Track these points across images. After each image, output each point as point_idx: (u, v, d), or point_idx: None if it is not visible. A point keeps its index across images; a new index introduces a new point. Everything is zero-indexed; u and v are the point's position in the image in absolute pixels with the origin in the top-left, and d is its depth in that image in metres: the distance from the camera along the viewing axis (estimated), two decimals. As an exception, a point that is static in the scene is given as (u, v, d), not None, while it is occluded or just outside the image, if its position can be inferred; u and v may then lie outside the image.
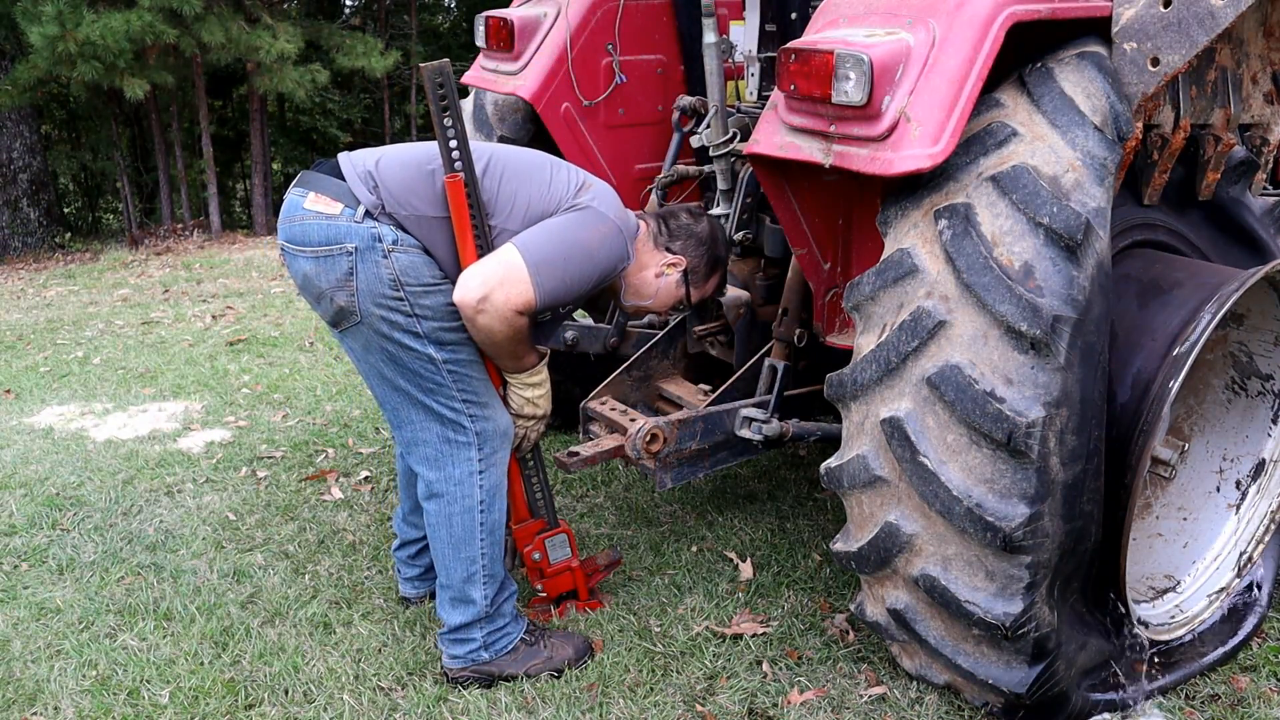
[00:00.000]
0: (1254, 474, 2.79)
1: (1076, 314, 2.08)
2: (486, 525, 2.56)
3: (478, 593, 2.57)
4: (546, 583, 2.89)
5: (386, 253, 2.33)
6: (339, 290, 2.36)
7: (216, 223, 11.55)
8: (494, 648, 2.62)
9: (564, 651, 2.67)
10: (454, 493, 2.53)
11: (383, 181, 2.39)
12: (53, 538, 3.44)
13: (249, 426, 4.48)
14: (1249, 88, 2.61)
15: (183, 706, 2.56)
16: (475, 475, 2.52)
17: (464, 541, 2.55)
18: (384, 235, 2.34)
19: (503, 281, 2.31)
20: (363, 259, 2.33)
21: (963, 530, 2.16)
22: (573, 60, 3.24)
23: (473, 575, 2.57)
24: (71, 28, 9.02)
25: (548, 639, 2.69)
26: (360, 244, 2.33)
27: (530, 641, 2.67)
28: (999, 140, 2.20)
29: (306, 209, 2.38)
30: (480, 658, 2.61)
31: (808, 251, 2.73)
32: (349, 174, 2.40)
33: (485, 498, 2.55)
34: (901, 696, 2.55)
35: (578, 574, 2.90)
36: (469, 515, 2.54)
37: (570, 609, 2.92)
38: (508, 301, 2.31)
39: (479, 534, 2.55)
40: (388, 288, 2.34)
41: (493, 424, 2.53)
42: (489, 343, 2.40)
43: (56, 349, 6.07)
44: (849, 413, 2.36)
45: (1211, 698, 2.55)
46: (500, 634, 2.63)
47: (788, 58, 2.29)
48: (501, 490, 2.60)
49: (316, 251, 2.36)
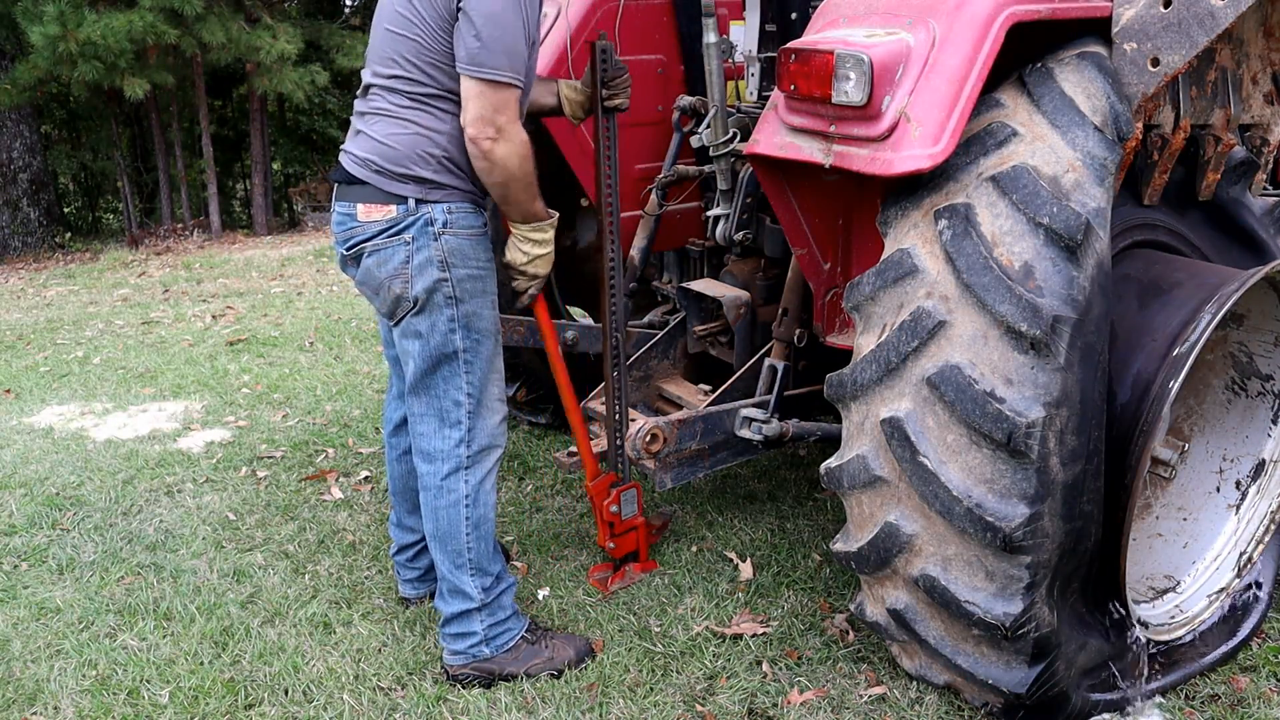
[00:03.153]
0: (1254, 474, 2.79)
1: (1076, 314, 2.08)
2: (472, 520, 2.61)
3: (468, 584, 2.61)
4: (617, 540, 2.93)
5: (437, 235, 2.47)
6: (395, 278, 2.48)
7: (216, 223, 11.55)
8: (495, 643, 2.64)
9: (565, 653, 2.68)
10: (441, 487, 2.59)
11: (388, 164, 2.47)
12: (53, 538, 3.44)
13: (249, 426, 4.48)
14: (1249, 88, 2.61)
15: (183, 706, 2.56)
16: (462, 472, 2.58)
17: (449, 535, 2.61)
18: (435, 218, 2.46)
19: (497, 109, 2.33)
20: (418, 245, 2.47)
21: (963, 530, 2.16)
22: (573, 60, 3.23)
23: (460, 566, 2.62)
24: (72, 28, 9.02)
25: (549, 639, 2.70)
26: (415, 232, 2.46)
27: (531, 640, 2.68)
28: (999, 140, 2.20)
29: (363, 220, 2.49)
30: (481, 653, 2.63)
31: (808, 251, 2.73)
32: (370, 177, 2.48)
33: (470, 493, 2.60)
34: (901, 696, 2.55)
35: (642, 531, 2.94)
36: (454, 510, 2.60)
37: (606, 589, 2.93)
38: (510, 118, 2.34)
39: (464, 528, 2.60)
40: (437, 268, 2.47)
41: (486, 424, 2.60)
42: (506, 177, 2.41)
43: (56, 349, 6.07)
44: (849, 413, 2.36)
45: (1211, 698, 2.55)
46: (501, 628, 2.65)
47: (788, 58, 2.29)
48: (488, 487, 2.64)
49: (376, 245, 2.49)
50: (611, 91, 2.74)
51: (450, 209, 2.48)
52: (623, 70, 2.75)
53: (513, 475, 3.89)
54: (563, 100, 2.81)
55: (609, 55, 2.70)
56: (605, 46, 2.70)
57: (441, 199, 2.47)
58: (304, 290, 7.81)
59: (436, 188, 2.46)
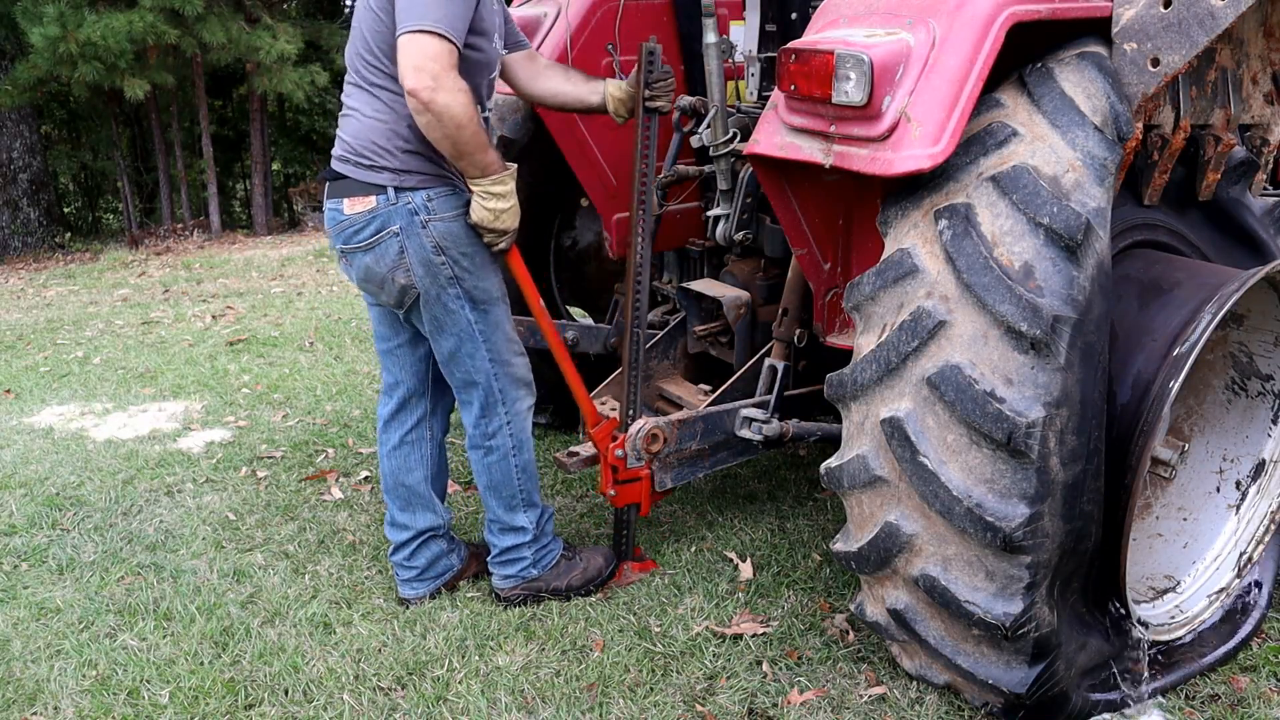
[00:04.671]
0: (1254, 474, 2.79)
1: (1076, 314, 2.08)
2: (519, 464, 2.88)
3: (523, 519, 2.90)
4: (619, 489, 2.94)
5: (425, 224, 2.59)
6: (397, 270, 2.62)
7: (216, 223, 11.56)
8: (541, 563, 2.94)
9: (596, 561, 2.99)
10: (489, 447, 2.85)
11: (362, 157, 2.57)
12: (53, 538, 3.44)
13: (249, 426, 4.48)
14: (1249, 88, 2.61)
15: (183, 706, 2.56)
16: (505, 428, 2.84)
17: (502, 484, 2.88)
18: (418, 206, 2.58)
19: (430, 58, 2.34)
20: (408, 236, 2.59)
21: (963, 530, 2.16)
22: (573, 60, 3.23)
23: (515, 507, 2.90)
24: (72, 28, 9.02)
25: (580, 553, 3.01)
26: (403, 222, 2.58)
27: (569, 556, 2.99)
28: (999, 140, 2.20)
29: (349, 213, 2.61)
30: (529, 574, 2.93)
31: (808, 251, 2.73)
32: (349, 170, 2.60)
33: (515, 444, 2.86)
34: (901, 696, 2.55)
35: (645, 484, 2.94)
36: (505, 462, 2.86)
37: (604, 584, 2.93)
38: (445, 68, 2.36)
39: (514, 475, 2.88)
40: (432, 254, 2.61)
41: (512, 377, 2.82)
42: (454, 126, 2.41)
43: (56, 349, 6.08)
44: (849, 413, 2.36)
45: (1211, 698, 2.55)
46: (546, 550, 2.96)
47: (788, 58, 2.29)
48: (526, 430, 2.89)
49: (370, 243, 2.61)
50: (654, 93, 2.80)
51: (430, 195, 2.59)
52: (668, 73, 2.81)
53: (513, 475, 3.89)
54: (607, 98, 2.89)
55: (656, 57, 2.77)
56: (653, 48, 2.76)
57: (418, 185, 2.57)
58: (304, 290, 7.81)
59: (409, 174, 2.56)
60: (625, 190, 3.41)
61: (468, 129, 2.43)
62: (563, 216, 3.92)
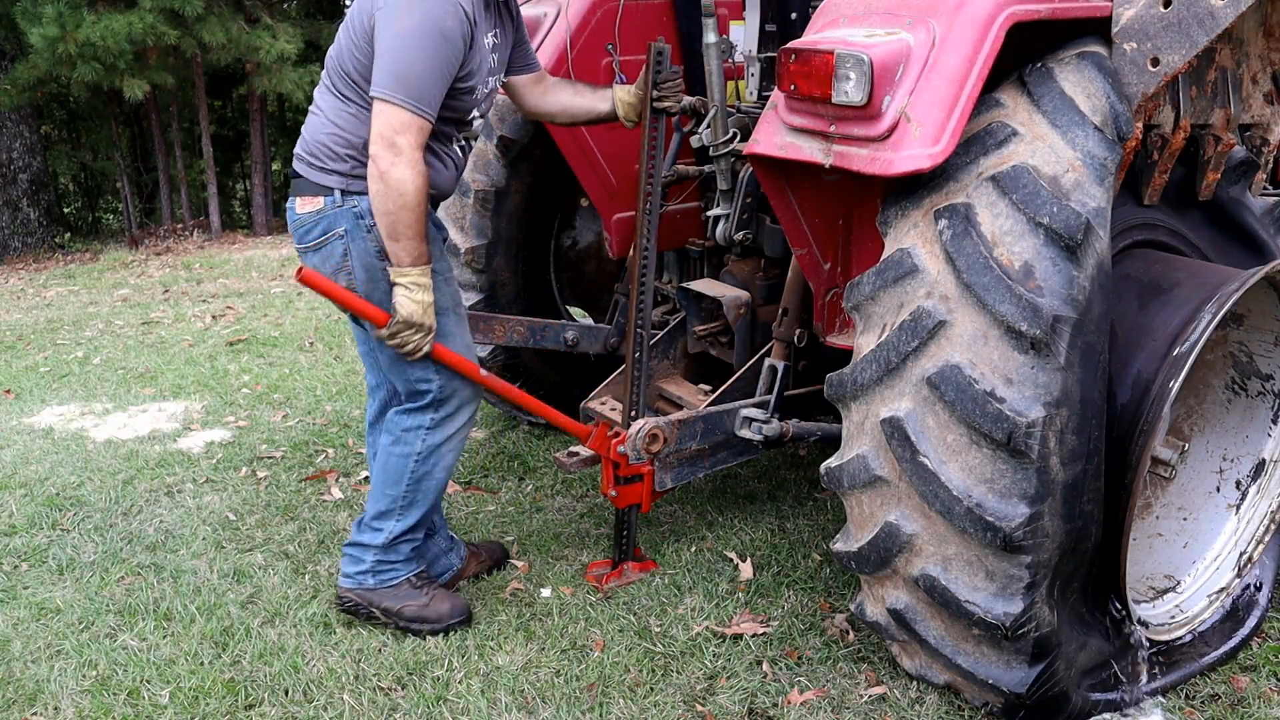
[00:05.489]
0: (1254, 474, 2.79)
1: (1076, 314, 2.08)
2: (416, 474, 2.77)
3: (387, 525, 2.80)
4: (620, 489, 2.92)
5: (369, 228, 2.56)
6: (339, 273, 2.61)
7: (216, 223, 11.55)
8: (380, 577, 2.83)
9: (441, 606, 2.83)
10: (399, 437, 2.76)
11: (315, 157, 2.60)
12: (53, 538, 3.44)
13: (249, 426, 4.48)
14: (1249, 88, 2.61)
15: (183, 706, 2.56)
16: (422, 430, 2.75)
17: (391, 480, 2.77)
18: (363, 210, 2.56)
19: (397, 130, 2.40)
20: (353, 239, 2.58)
21: (963, 530, 2.16)
22: (573, 60, 3.23)
23: (388, 511, 2.80)
24: (71, 29, 9.01)
25: (432, 589, 2.87)
26: (348, 225, 2.58)
27: (415, 585, 2.85)
28: (999, 140, 2.20)
29: (300, 213, 2.63)
30: (365, 583, 2.84)
31: (808, 251, 2.73)
32: (303, 169, 2.63)
33: (424, 451, 2.76)
34: (901, 696, 2.55)
35: (648, 481, 2.92)
36: (403, 461, 2.76)
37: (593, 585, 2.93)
38: (411, 143, 2.42)
39: (406, 480, 2.77)
40: (375, 258, 2.58)
41: (456, 394, 2.75)
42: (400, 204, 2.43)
43: (56, 349, 6.07)
44: (849, 413, 2.36)
45: (1211, 698, 2.55)
46: (389, 569, 2.83)
47: (788, 58, 2.29)
48: (443, 451, 2.78)
49: (317, 244, 2.62)
50: (661, 93, 2.79)
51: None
52: (676, 74, 2.81)
53: (513, 475, 3.89)
54: (617, 103, 2.88)
55: (665, 57, 2.76)
56: (662, 48, 2.76)
57: (365, 190, 2.54)
58: (304, 290, 7.80)
59: (359, 179, 2.55)
60: (626, 190, 3.41)
61: (412, 211, 2.45)
62: (563, 216, 3.92)
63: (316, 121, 2.63)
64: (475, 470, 3.94)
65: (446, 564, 3.03)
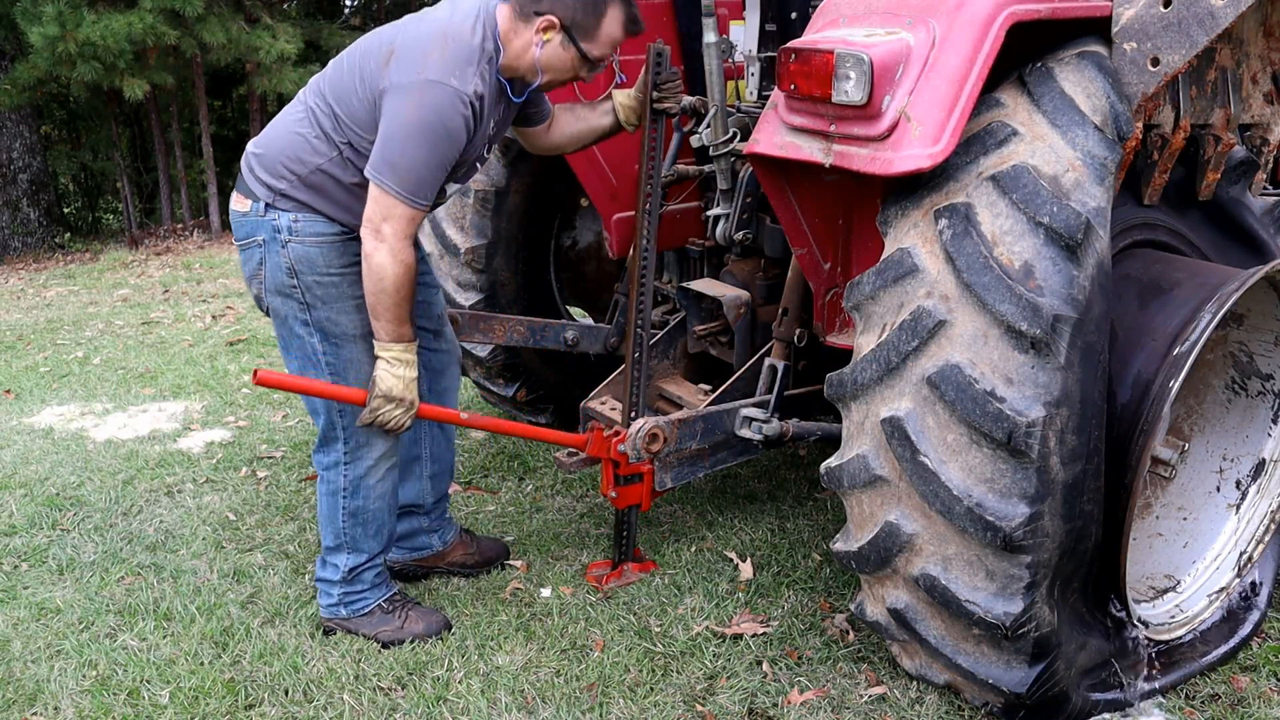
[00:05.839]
0: (1254, 474, 2.79)
1: (1076, 314, 2.08)
2: (348, 509, 2.76)
3: (339, 560, 2.80)
4: (620, 489, 2.92)
5: (284, 244, 2.54)
6: (253, 280, 2.63)
7: (216, 223, 11.55)
8: (351, 608, 2.84)
9: (416, 625, 2.83)
10: (322, 476, 2.77)
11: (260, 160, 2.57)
12: (53, 538, 3.44)
13: (249, 426, 4.48)
14: (1249, 88, 2.61)
15: (183, 706, 2.56)
16: (340, 465, 2.73)
17: (329, 519, 2.78)
18: (281, 226, 2.54)
19: (385, 218, 2.41)
20: (269, 250, 2.56)
21: (963, 530, 2.16)
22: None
23: (336, 547, 2.80)
24: (71, 28, 9.01)
25: (405, 610, 2.86)
26: (266, 235, 2.56)
27: (387, 609, 2.85)
28: (999, 140, 2.20)
29: (233, 207, 2.63)
30: (339, 613, 2.84)
31: (808, 251, 2.73)
32: (246, 166, 2.62)
33: (349, 486, 2.74)
34: (901, 696, 2.55)
35: (648, 480, 2.92)
36: (333, 499, 2.76)
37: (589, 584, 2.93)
38: (396, 232, 2.41)
39: (340, 516, 2.76)
40: (285, 275, 2.56)
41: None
42: (377, 286, 2.44)
43: (56, 349, 6.07)
44: (849, 412, 2.36)
45: (1211, 698, 2.55)
46: (356, 598, 2.84)
47: (788, 57, 2.29)
48: (368, 482, 2.74)
49: (243, 244, 2.62)
50: (661, 94, 2.77)
51: (296, 218, 2.53)
52: (675, 75, 2.79)
53: (513, 475, 3.89)
54: (617, 108, 2.84)
55: (665, 58, 2.75)
56: (662, 49, 2.74)
57: (289, 208, 2.53)
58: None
59: (286, 198, 2.53)
60: (626, 190, 3.40)
61: (389, 295, 2.45)
62: (563, 216, 3.92)
63: (280, 126, 2.59)
64: (475, 470, 3.94)
65: (425, 543, 3.07)
